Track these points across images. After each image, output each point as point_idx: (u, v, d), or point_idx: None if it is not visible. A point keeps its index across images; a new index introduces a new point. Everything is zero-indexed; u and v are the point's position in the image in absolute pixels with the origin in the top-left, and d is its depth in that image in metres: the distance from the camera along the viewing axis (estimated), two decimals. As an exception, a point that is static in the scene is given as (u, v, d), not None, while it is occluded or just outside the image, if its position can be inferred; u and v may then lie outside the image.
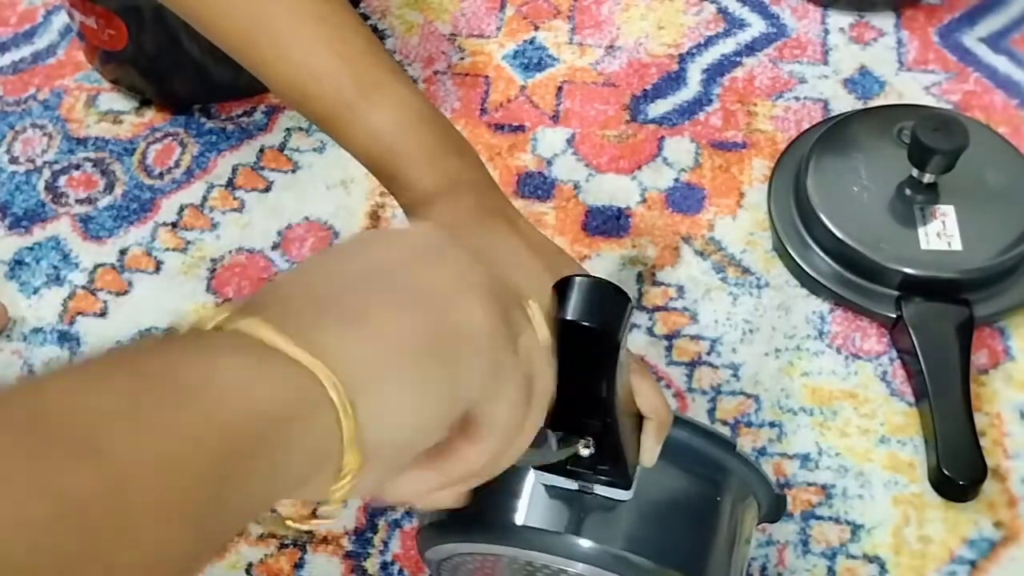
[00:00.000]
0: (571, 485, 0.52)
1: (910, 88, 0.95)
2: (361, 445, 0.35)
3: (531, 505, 0.54)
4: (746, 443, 0.75)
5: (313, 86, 0.61)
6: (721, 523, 0.56)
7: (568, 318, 0.43)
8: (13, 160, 0.93)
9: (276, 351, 0.34)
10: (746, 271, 0.84)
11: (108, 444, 0.29)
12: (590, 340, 0.44)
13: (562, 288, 0.44)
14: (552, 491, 0.53)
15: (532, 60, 0.98)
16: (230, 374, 0.33)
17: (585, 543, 0.53)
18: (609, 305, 0.44)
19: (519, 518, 0.54)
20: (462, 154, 0.61)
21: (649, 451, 0.52)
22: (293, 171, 0.92)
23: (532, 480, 0.54)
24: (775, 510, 0.61)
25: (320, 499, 0.37)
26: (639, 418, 0.52)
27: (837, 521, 0.72)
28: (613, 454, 0.49)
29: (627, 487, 0.51)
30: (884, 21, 1.00)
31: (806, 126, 0.91)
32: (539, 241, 0.58)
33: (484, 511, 0.55)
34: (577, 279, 0.44)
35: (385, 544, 0.72)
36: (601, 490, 0.52)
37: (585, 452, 0.49)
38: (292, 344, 0.34)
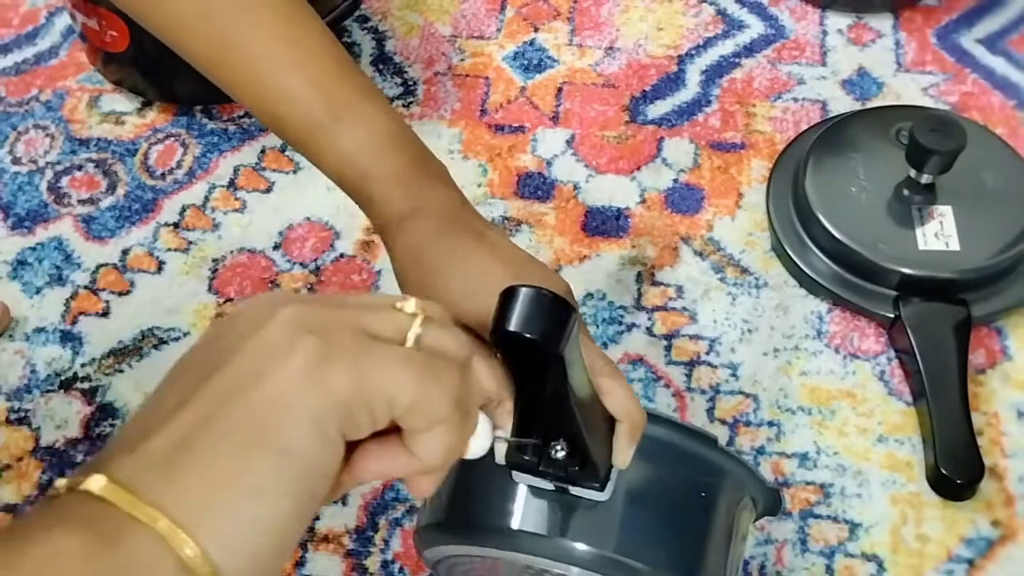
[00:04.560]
0: (547, 485, 0.52)
1: (908, 89, 0.95)
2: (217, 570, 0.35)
3: (525, 509, 0.54)
4: (744, 442, 0.76)
5: (284, 108, 0.61)
6: (713, 522, 0.56)
7: (509, 329, 0.43)
8: (16, 161, 0.93)
9: (113, 510, 0.35)
10: (745, 271, 0.84)
11: None
12: (532, 351, 0.44)
13: (506, 298, 0.44)
14: (539, 494, 0.54)
15: (532, 61, 0.99)
16: (47, 564, 0.34)
17: (574, 546, 0.53)
18: (549, 316, 0.44)
19: (513, 522, 0.54)
20: (433, 174, 0.61)
21: (621, 453, 0.52)
22: (294, 171, 0.92)
23: (523, 485, 0.54)
24: (772, 504, 0.61)
25: None
26: (611, 419, 0.52)
27: (835, 520, 0.72)
28: (583, 457, 0.50)
29: (601, 488, 0.51)
30: (882, 22, 1.01)
31: (804, 127, 0.91)
32: (509, 251, 0.58)
33: (478, 514, 0.56)
34: (522, 290, 0.44)
35: (386, 543, 0.73)
36: (577, 491, 0.52)
37: (560, 454, 0.50)
38: (128, 497, 0.35)
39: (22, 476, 0.76)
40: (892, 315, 0.79)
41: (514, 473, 0.52)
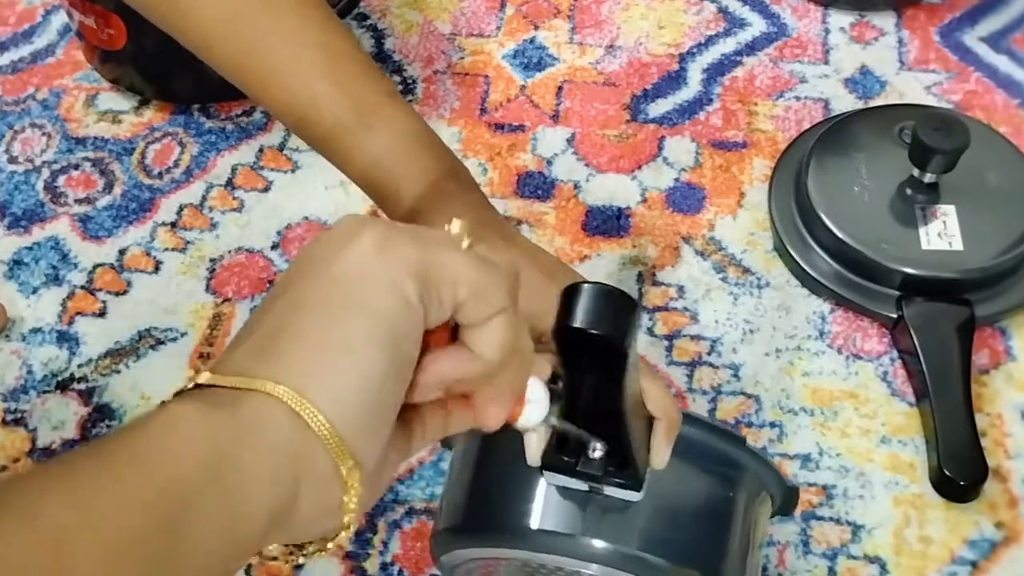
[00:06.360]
0: (581, 486, 0.52)
1: (911, 88, 0.95)
2: (336, 433, 0.37)
3: (545, 508, 0.54)
4: (746, 443, 0.75)
5: (311, 111, 0.62)
6: (736, 520, 0.57)
7: (575, 326, 0.43)
8: (12, 160, 0.93)
9: (222, 390, 0.37)
10: (746, 271, 0.84)
11: (44, 510, 0.33)
12: (598, 347, 0.44)
13: (569, 295, 0.44)
14: (565, 493, 0.53)
15: (532, 59, 0.98)
16: (166, 428, 0.36)
17: (599, 544, 0.53)
18: (616, 312, 0.44)
19: (533, 522, 0.54)
20: (457, 175, 0.62)
21: (660, 452, 0.52)
22: (292, 171, 0.92)
23: (545, 484, 0.54)
24: (788, 502, 0.61)
25: (345, 513, 0.39)
26: (649, 420, 0.52)
27: (838, 522, 0.72)
28: (623, 456, 0.50)
29: (638, 488, 0.51)
30: (885, 20, 1.00)
31: (807, 126, 0.91)
32: (535, 252, 0.59)
33: (498, 515, 0.56)
34: (584, 286, 0.44)
35: (385, 545, 0.72)
36: (611, 491, 0.52)
37: (597, 454, 0.49)
38: (235, 378, 0.37)
39: (18, 477, 0.75)
40: (895, 315, 0.79)
41: (546, 474, 0.52)
